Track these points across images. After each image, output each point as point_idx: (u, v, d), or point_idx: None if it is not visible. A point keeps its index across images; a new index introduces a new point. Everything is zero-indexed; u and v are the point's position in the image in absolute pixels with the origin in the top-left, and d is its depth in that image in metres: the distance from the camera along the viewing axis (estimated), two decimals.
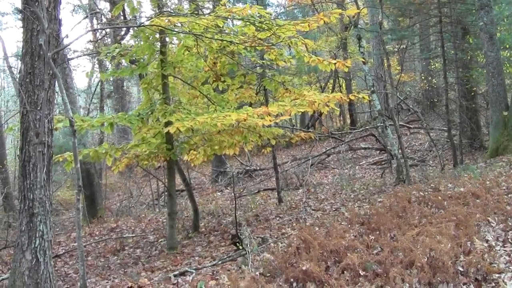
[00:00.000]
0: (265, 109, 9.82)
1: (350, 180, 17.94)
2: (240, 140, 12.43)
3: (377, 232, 7.74)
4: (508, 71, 19.78)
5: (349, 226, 8.82)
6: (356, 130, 25.59)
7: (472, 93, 20.79)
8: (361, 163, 22.59)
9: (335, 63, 11.47)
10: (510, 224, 7.49)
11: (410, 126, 26.45)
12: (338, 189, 16.46)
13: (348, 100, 11.55)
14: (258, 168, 25.40)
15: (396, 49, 25.75)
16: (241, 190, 20.50)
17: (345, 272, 6.18)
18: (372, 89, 15.12)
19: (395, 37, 22.18)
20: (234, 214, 11.06)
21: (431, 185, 12.02)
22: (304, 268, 6.23)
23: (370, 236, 7.47)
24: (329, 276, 6.09)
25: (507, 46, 20.47)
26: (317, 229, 9.24)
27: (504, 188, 10.19)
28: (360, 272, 5.98)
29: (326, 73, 31.53)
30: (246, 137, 12.33)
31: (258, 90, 15.14)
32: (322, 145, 27.59)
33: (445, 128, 20.28)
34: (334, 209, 12.91)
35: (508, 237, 7.00)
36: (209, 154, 12.88)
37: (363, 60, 15.25)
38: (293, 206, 14.41)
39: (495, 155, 16.03)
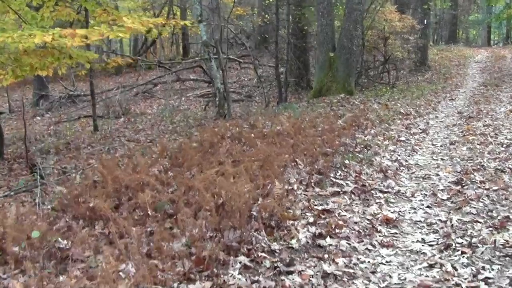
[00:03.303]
0: (72, 30, 8.94)
1: (173, 112, 17.40)
2: (53, 62, 11.44)
3: (181, 168, 7.22)
4: (339, 13, 19.84)
5: (155, 160, 8.25)
6: (186, 61, 24.95)
7: (304, 32, 20.76)
8: (188, 95, 22.09)
9: None
10: (316, 167, 7.22)
11: (241, 60, 26.10)
12: (159, 120, 15.88)
13: (177, 26, 10.89)
14: (82, 93, 24.14)
15: None
16: (61, 116, 19.43)
17: (136, 210, 5.64)
18: (199, 18, 14.47)
19: None
20: (24, 143, 10.17)
21: (250, 121, 11.70)
22: (91, 204, 5.62)
23: (169, 172, 6.94)
24: (120, 214, 5.53)
25: None
26: (126, 160, 8.61)
27: (319, 129, 10.02)
28: (150, 212, 5.46)
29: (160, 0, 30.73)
30: (59, 59, 11.34)
31: (79, 9, 14.08)
32: (152, 74, 26.81)
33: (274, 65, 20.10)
34: (148, 140, 12.32)
35: (312, 180, 6.70)
36: (19, 75, 11.79)
37: None
38: (108, 135, 13.66)
39: (318, 95, 16.05)
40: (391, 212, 5.89)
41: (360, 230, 5.25)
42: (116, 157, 9.56)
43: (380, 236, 5.20)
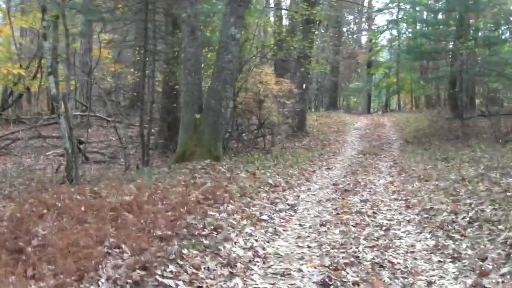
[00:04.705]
0: None
1: (22, 172, 15.43)
2: None
3: None
4: (210, 72, 18.77)
5: None
6: (46, 117, 23.23)
7: (175, 92, 19.62)
8: (48, 153, 20.18)
9: None
10: (143, 258, 5.59)
11: (108, 119, 24.40)
12: None
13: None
14: None
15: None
16: None
17: None
18: (50, 70, 12.82)
19: (95, 18, 19.92)
20: None
21: (95, 189, 10.01)
22: None
23: None
24: None
25: (215, 46, 19.54)
26: None
27: (170, 202, 8.46)
28: None
29: (30, 53, 29.23)
30: None
31: None
32: (15, 129, 24.67)
33: (146, 126, 18.67)
34: None
35: (131, 280, 4.99)
36: None
37: (44, 34, 12.96)
38: None
39: (182, 160, 14.54)
40: None
41: None
42: None
43: None
